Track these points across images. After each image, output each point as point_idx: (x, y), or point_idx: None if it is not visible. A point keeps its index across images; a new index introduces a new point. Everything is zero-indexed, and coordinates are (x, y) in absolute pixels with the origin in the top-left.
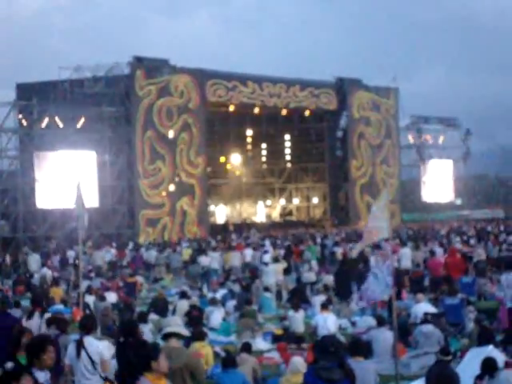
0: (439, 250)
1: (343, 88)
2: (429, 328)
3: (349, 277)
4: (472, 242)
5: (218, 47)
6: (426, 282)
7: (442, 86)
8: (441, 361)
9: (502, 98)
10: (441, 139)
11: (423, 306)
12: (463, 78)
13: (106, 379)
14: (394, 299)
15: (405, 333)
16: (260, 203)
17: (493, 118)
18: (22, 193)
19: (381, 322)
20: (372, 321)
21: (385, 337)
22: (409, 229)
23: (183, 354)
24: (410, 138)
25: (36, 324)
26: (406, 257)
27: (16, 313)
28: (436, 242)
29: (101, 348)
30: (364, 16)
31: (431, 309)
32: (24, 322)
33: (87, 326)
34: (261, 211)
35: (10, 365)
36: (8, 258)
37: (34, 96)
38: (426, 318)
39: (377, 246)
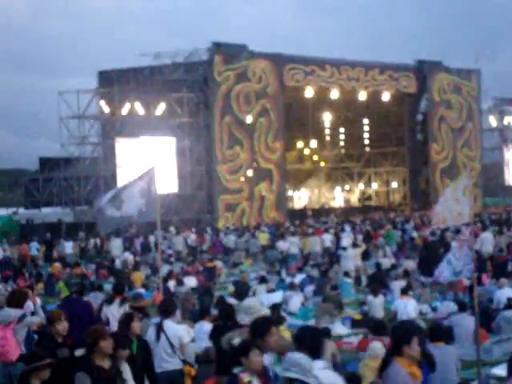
0: None
1: (423, 71)
2: None
3: (431, 262)
4: None
5: (296, 31)
6: (510, 267)
7: None
8: None
9: None
10: None
11: (506, 292)
12: None
13: (185, 362)
14: (476, 284)
15: (487, 318)
16: (337, 188)
17: None
18: (104, 179)
19: (462, 308)
20: (453, 306)
21: (466, 322)
22: (492, 213)
23: None
24: (493, 121)
25: (116, 311)
26: (488, 241)
27: (99, 296)
28: None
29: (180, 332)
30: None
31: None
32: (104, 308)
33: (166, 309)
34: (338, 196)
35: (236, 340)
36: (93, 243)
37: (115, 83)
38: (510, 304)
39: (458, 231)
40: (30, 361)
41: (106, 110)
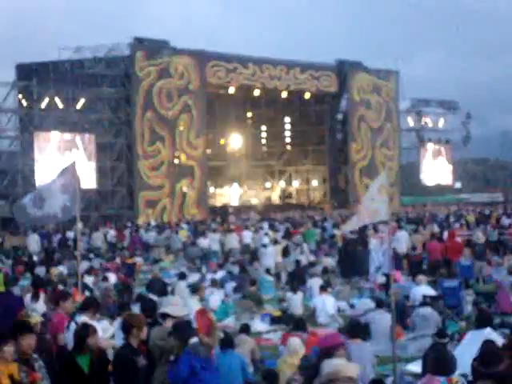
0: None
1: (344, 70)
2: (427, 310)
3: (350, 259)
4: (471, 225)
5: (218, 29)
6: (425, 266)
7: (440, 69)
8: (437, 343)
9: (496, 82)
10: (441, 122)
11: (423, 289)
12: (460, 63)
13: None
14: (393, 282)
15: (403, 315)
16: (258, 186)
17: (488, 102)
18: (21, 173)
19: (379, 305)
20: (370, 303)
21: (383, 319)
22: (408, 212)
23: None
24: (410, 121)
25: (42, 306)
26: (403, 240)
27: (15, 291)
28: (435, 225)
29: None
30: None
31: (430, 291)
32: (29, 304)
33: (84, 305)
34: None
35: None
36: (7, 238)
37: (34, 76)
38: (425, 301)
39: (375, 229)
40: None
41: (25, 103)
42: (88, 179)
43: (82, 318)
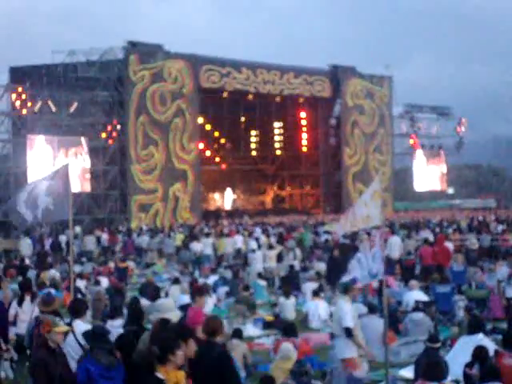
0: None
1: (337, 76)
2: (419, 316)
3: (340, 264)
4: (464, 231)
5: (212, 33)
6: (418, 270)
7: (433, 75)
8: (429, 348)
9: (489, 88)
10: (434, 128)
11: (415, 294)
12: (454, 68)
13: None
14: (385, 287)
15: (395, 320)
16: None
17: (481, 108)
18: (14, 176)
19: (372, 310)
20: (363, 308)
21: (375, 324)
22: (401, 217)
23: None
24: (403, 127)
25: (28, 309)
26: (396, 245)
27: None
28: (428, 231)
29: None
30: (359, 4)
31: (423, 297)
32: (15, 308)
33: (76, 310)
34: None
35: None
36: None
37: (28, 79)
38: (417, 306)
39: (369, 234)
40: None
41: (18, 106)
42: (81, 182)
43: (77, 322)
